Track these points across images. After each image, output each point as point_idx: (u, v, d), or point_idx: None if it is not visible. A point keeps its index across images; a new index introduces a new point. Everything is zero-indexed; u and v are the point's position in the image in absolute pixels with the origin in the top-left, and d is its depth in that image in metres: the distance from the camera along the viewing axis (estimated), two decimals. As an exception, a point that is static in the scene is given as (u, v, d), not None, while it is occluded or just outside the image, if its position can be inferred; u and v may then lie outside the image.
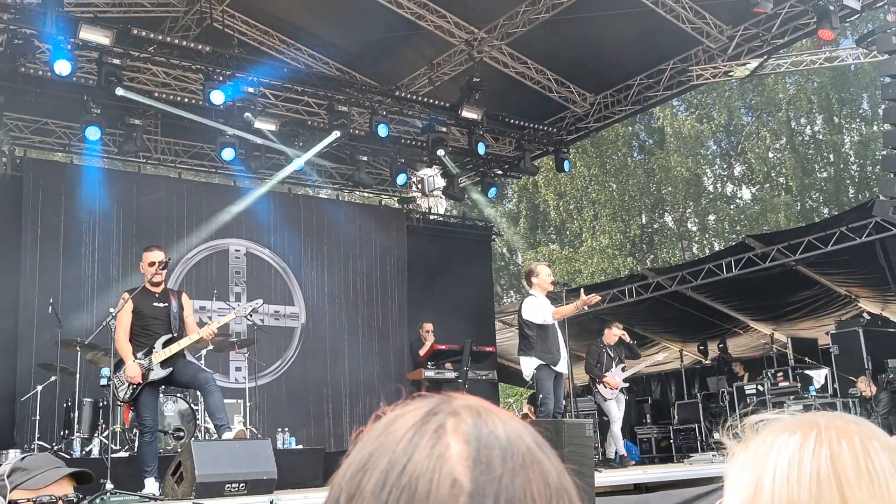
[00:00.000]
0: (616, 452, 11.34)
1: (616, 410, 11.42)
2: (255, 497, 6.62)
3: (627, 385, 11.94)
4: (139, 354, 7.43)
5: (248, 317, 9.12)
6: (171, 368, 7.51)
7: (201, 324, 8.03)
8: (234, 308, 8.87)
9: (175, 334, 7.56)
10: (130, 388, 7.39)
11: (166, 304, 7.60)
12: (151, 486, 7.28)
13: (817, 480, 0.96)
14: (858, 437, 0.98)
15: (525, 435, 0.77)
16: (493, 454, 0.73)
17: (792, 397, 13.28)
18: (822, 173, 28.64)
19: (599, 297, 9.53)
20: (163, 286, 7.72)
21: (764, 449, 1.02)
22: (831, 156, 28.26)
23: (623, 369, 11.71)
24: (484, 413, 0.77)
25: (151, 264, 7.53)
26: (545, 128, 14.97)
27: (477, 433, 0.74)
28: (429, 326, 12.90)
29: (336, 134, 12.64)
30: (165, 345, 7.49)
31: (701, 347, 17.40)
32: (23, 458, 2.88)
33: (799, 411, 1.08)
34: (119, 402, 7.87)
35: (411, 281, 15.21)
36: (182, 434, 9.82)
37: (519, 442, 0.75)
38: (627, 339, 11.88)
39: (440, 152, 13.63)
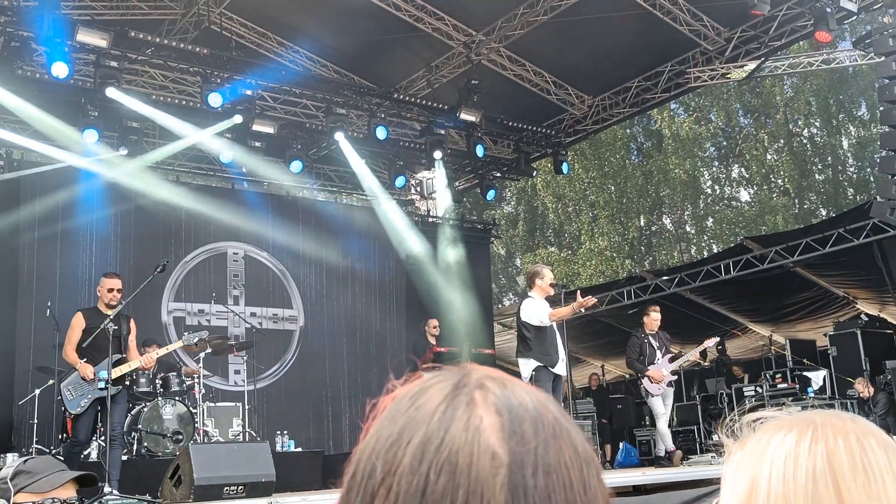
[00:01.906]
0: (664, 449, 10.58)
1: (661, 406, 10.39)
2: (253, 500, 6.61)
3: (676, 377, 10.73)
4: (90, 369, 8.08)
5: (194, 345, 9.72)
6: (120, 388, 8.20)
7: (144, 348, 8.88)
8: (181, 338, 9.33)
9: (123, 355, 8.24)
10: (81, 399, 8.02)
11: (117, 327, 8.22)
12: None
13: (813, 478, 0.95)
14: (854, 435, 0.98)
15: (549, 404, 0.78)
16: (524, 425, 0.74)
17: (790, 399, 13.29)
18: (819, 175, 28.66)
19: (596, 300, 9.49)
20: (116, 309, 8.34)
21: (760, 447, 1.02)
22: (829, 158, 28.27)
23: (671, 359, 10.57)
24: (508, 384, 0.78)
25: (110, 290, 8.29)
26: (543, 130, 14.98)
27: (507, 405, 0.75)
28: (434, 322, 12.75)
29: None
30: (115, 364, 8.11)
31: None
32: (25, 461, 2.86)
33: (797, 411, 1.08)
34: (68, 415, 8.43)
35: (409, 283, 15.20)
36: (181, 437, 9.81)
37: (546, 412, 0.76)
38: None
39: (437, 154, 13.62)
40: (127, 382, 10.02)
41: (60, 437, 10.29)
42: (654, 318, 10.71)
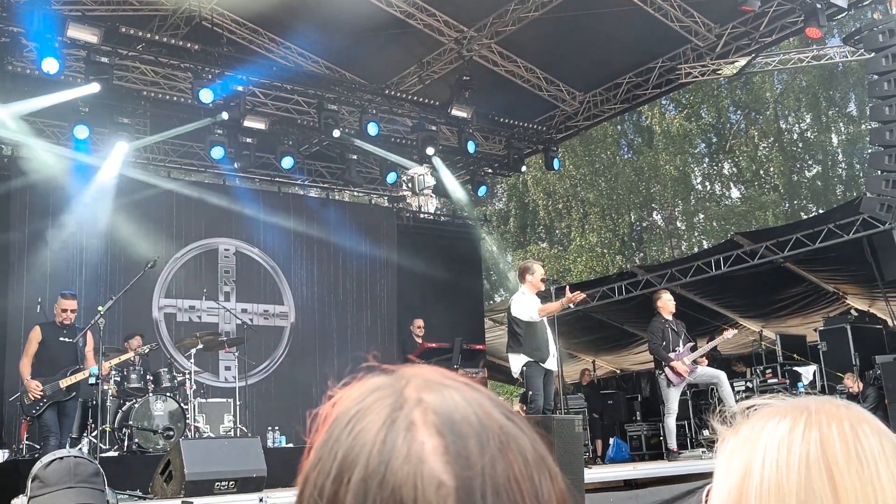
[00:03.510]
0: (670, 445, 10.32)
1: (675, 401, 10.07)
2: (244, 495, 6.62)
3: (696, 369, 10.14)
4: (46, 382, 8.52)
5: (146, 356, 10.16)
6: (74, 393, 8.68)
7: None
8: (135, 350, 9.86)
9: (80, 366, 8.71)
10: (37, 404, 8.46)
11: (73, 340, 8.71)
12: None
13: (806, 464, 0.96)
14: (848, 421, 0.98)
15: (493, 410, 0.74)
16: (469, 444, 0.70)
17: (780, 394, 13.31)
18: (809, 172, 28.74)
19: (584, 295, 9.47)
20: (71, 324, 8.84)
21: (754, 434, 1.02)
22: (819, 154, 28.35)
23: (692, 348, 10.18)
24: (447, 392, 0.74)
25: (63, 310, 8.74)
26: (535, 126, 14.99)
27: (449, 422, 0.71)
28: (420, 323, 12.90)
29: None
30: (72, 373, 8.63)
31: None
32: (48, 465, 2.77)
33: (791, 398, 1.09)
34: (24, 417, 8.97)
35: (401, 279, 15.20)
36: (172, 433, 9.80)
37: (490, 422, 0.72)
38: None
39: (429, 150, 13.61)
40: (118, 377, 10.11)
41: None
42: (666, 300, 10.29)
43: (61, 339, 8.72)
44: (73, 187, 12.35)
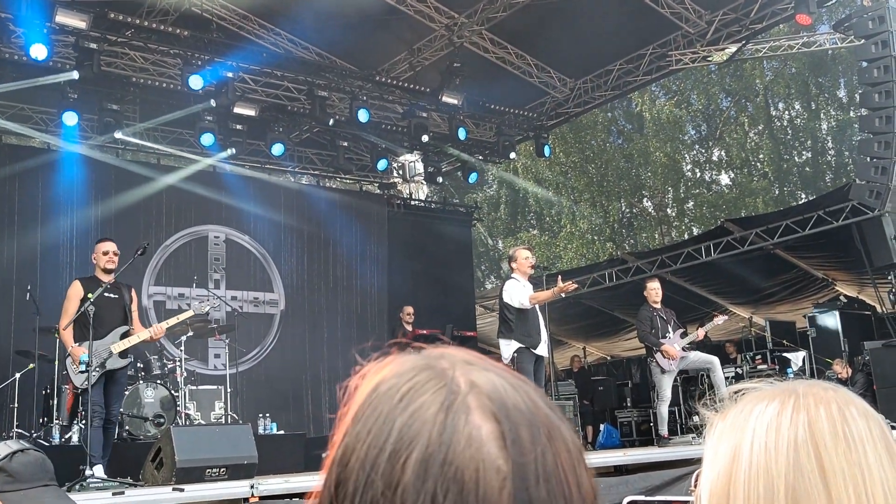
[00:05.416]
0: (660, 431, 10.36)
1: (668, 388, 10.06)
2: (235, 482, 6.61)
3: (685, 356, 10.18)
4: (94, 342, 7.44)
5: (206, 315, 9.47)
6: (129, 359, 7.80)
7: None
8: (190, 305, 8.94)
9: (130, 326, 7.76)
10: (86, 373, 7.36)
11: (118, 296, 7.75)
12: (100, 473, 7.09)
13: (794, 447, 0.96)
14: (836, 403, 0.99)
15: (537, 398, 0.76)
16: (522, 431, 0.72)
17: (770, 380, 13.38)
18: (799, 158, 28.79)
19: (577, 286, 9.49)
20: (113, 277, 7.83)
21: (742, 417, 1.02)
22: (809, 141, 28.40)
23: (683, 334, 10.21)
24: (496, 378, 0.75)
25: (105, 253, 7.79)
26: (525, 113, 14.97)
27: (502, 407, 0.72)
28: (409, 310, 12.92)
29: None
30: (122, 336, 7.68)
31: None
32: (13, 456, 2.48)
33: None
34: (76, 390, 7.89)
35: (391, 267, 15.20)
36: (162, 420, 9.79)
37: (537, 410, 0.74)
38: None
39: (424, 138, 13.59)
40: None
41: (41, 420, 10.25)
42: (651, 288, 10.32)
43: (106, 294, 7.63)
44: (61, 174, 12.28)
